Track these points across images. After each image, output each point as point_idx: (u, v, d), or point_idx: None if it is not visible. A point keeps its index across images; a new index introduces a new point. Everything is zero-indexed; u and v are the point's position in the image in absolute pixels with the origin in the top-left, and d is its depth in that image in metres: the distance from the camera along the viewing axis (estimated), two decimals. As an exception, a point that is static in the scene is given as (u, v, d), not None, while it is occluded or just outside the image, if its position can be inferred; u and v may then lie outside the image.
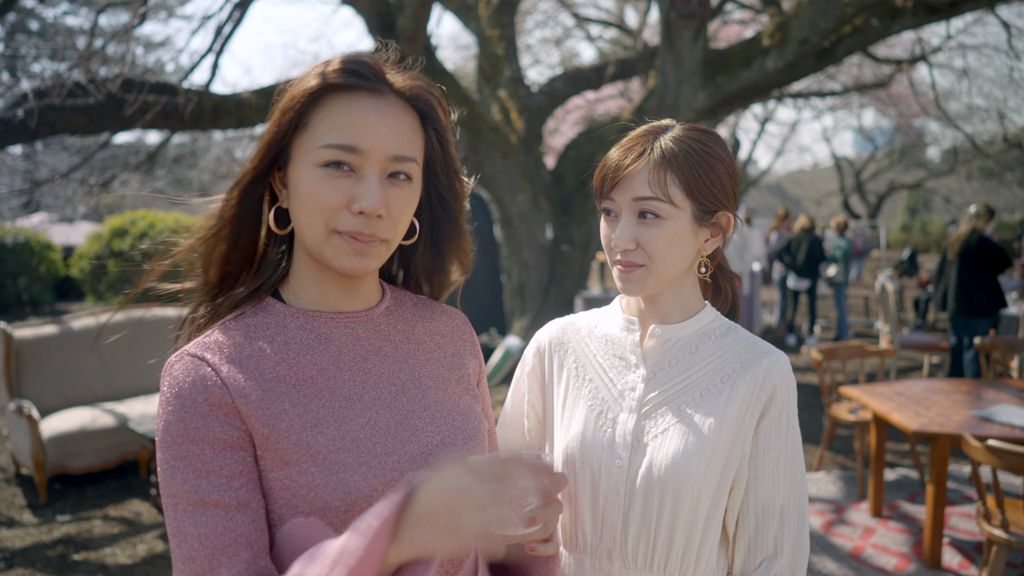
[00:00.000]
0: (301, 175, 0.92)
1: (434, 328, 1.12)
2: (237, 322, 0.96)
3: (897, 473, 5.02)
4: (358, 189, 0.91)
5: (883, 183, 26.31)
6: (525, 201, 6.99)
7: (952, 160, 22.36)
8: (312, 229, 0.92)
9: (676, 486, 1.12)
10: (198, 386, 0.87)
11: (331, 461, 0.90)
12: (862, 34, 6.59)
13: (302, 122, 0.92)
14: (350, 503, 0.89)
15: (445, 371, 1.09)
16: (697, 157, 1.14)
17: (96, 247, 11.29)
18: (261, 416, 0.89)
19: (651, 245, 1.14)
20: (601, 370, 1.25)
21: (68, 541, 4.09)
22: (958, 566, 3.68)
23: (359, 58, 0.94)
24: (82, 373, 5.18)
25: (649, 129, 1.18)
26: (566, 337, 1.32)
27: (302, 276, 1.00)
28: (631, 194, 1.14)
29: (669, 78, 6.37)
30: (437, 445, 0.99)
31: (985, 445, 2.86)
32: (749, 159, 20.29)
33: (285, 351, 0.95)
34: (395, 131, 0.93)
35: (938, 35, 17.20)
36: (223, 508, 0.85)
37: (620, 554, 1.16)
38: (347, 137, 0.90)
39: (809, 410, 6.68)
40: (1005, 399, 4.00)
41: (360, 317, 1.02)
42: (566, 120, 14.09)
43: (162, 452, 0.87)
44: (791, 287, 9.55)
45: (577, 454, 1.20)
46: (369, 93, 0.93)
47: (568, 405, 1.26)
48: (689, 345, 1.21)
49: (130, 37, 5.21)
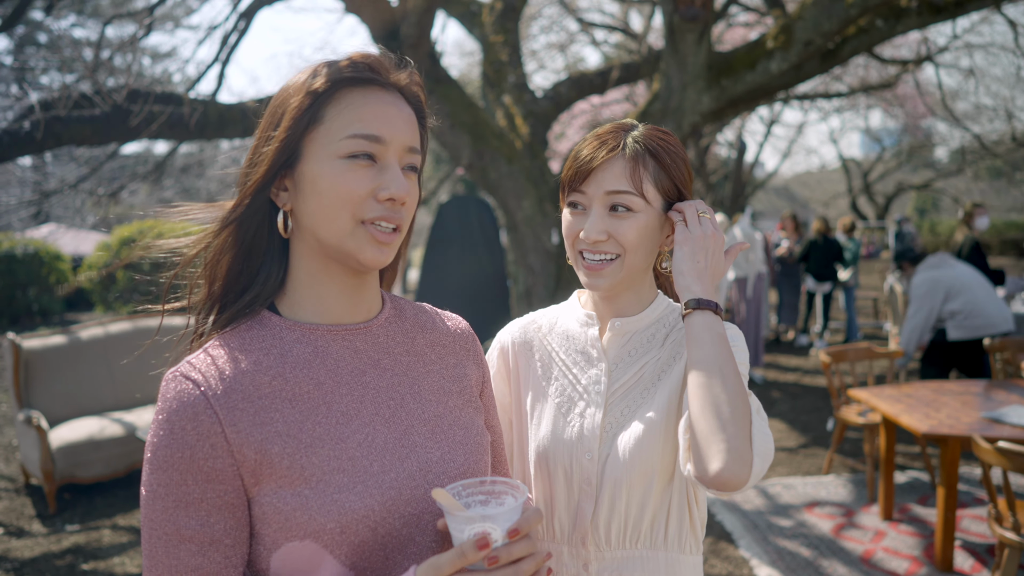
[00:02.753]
0: (319, 169, 0.91)
1: (435, 338, 1.11)
2: (233, 336, 0.95)
3: (907, 476, 4.98)
4: (384, 177, 0.92)
5: (891, 184, 26.18)
6: (531, 206, 6.98)
7: (960, 160, 22.23)
8: (336, 221, 0.92)
9: (642, 470, 1.18)
10: (187, 413, 0.86)
11: (325, 482, 0.88)
12: (867, 35, 6.56)
13: (316, 118, 0.92)
14: (345, 525, 0.88)
15: (446, 383, 1.07)
16: (666, 155, 1.20)
17: (105, 257, 11.36)
18: (252, 442, 0.88)
19: (623, 237, 1.18)
20: (565, 367, 1.29)
21: (77, 551, 4.10)
22: (970, 569, 3.64)
23: (368, 55, 0.97)
24: (90, 383, 5.20)
25: (617, 126, 1.23)
26: (528, 336, 1.36)
27: (302, 286, 0.99)
28: (604, 187, 1.18)
29: (673, 82, 6.36)
30: (437, 461, 0.98)
31: (995, 447, 2.83)
32: (756, 161, 20.22)
33: (281, 365, 0.93)
34: (408, 124, 0.96)
35: (944, 35, 17.12)
36: (196, 544, 0.86)
37: (593, 538, 1.22)
38: (370, 127, 0.92)
39: (817, 413, 6.64)
40: (1015, 400, 3.96)
41: (359, 329, 1.01)
42: (572, 125, 14.09)
43: (147, 472, 0.88)
44: (809, 290, 9.58)
45: (549, 451, 1.24)
46: (381, 88, 0.95)
47: (537, 403, 1.30)
48: (646, 334, 1.27)
49: (136, 48, 5.24)
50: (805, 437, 5.95)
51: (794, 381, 8.00)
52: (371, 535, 0.90)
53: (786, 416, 6.55)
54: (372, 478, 0.91)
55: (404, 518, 0.92)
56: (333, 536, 0.87)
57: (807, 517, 4.34)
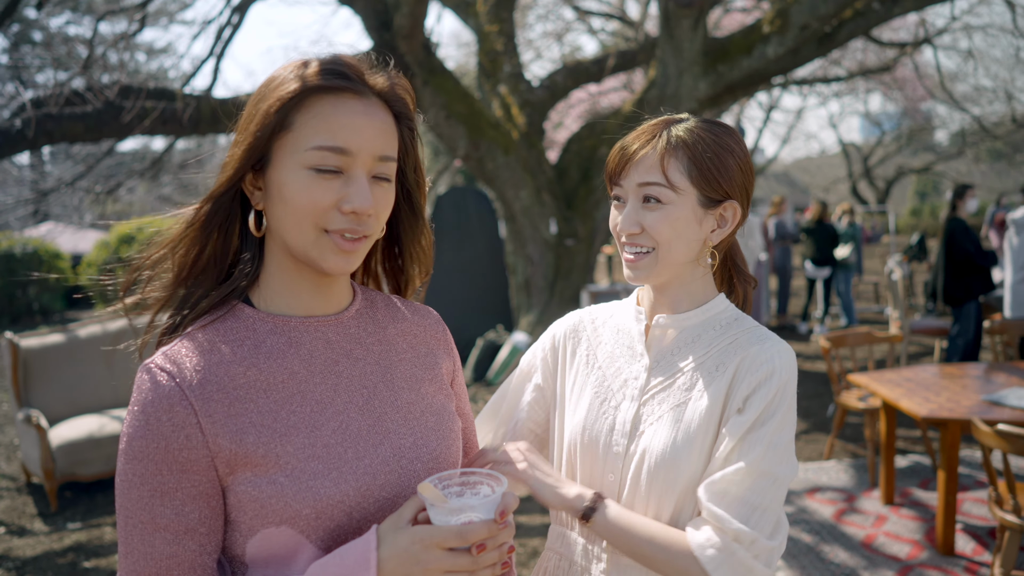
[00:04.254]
0: (286, 177, 0.91)
1: (406, 328, 1.12)
2: (207, 328, 0.96)
3: (908, 460, 4.98)
4: (348, 190, 0.91)
5: (891, 168, 26.12)
6: (528, 196, 6.96)
7: (960, 143, 22.16)
8: (299, 230, 0.92)
9: (666, 473, 1.15)
10: (163, 404, 0.87)
11: (300, 469, 0.90)
12: (864, 18, 6.51)
13: (285, 124, 0.91)
14: (320, 511, 0.89)
15: (418, 371, 1.09)
16: (704, 145, 1.16)
17: (104, 255, 11.36)
18: (227, 432, 0.89)
19: (655, 229, 1.17)
20: (610, 359, 1.29)
21: (79, 549, 4.11)
22: (971, 552, 3.64)
23: (341, 60, 0.95)
24: (90, 381, 5.20)
25: (665, 120, 1.22)
26: (581, 327, 1.37)
27: (274, 279, 1.00)
28: (636, 180, 1.18)
29: (670, 68, 6.32)
30: (410, 447, 1.00)
31: (995, 429, 2.82)
32: (755, 148, 20.18)
33: (255, 356, 0.94)
34: (380, 132, 0.94)
35: (943, 16, 17.00)
36: (172, 532, 0.88)
37: None
38: (336, 139, 0.90)
39: (819, 398, 6.63)
40: (1016, 382, 3.95)
41: (330, 321, 1.02)
42: (569, 114, 14.04)
43: (123, 462, 0.89)
44: (808, 275, 9.56)
45: (579, 438, 1.25)
46: (353, 94, 0.93)
47: (576, 391, 1.30)
48: (692, 334, 1.23)
49: (130, 44, 5.21)
50: (806, 423, 5.95)
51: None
52: (346, 519, 0.91)
53: (787, 402, 6.54)
54: (346, 464, 0.93)
55: (379, 502, 0.94)
56: (309, 521, 0.89)
57: (808, 503, 4.34)
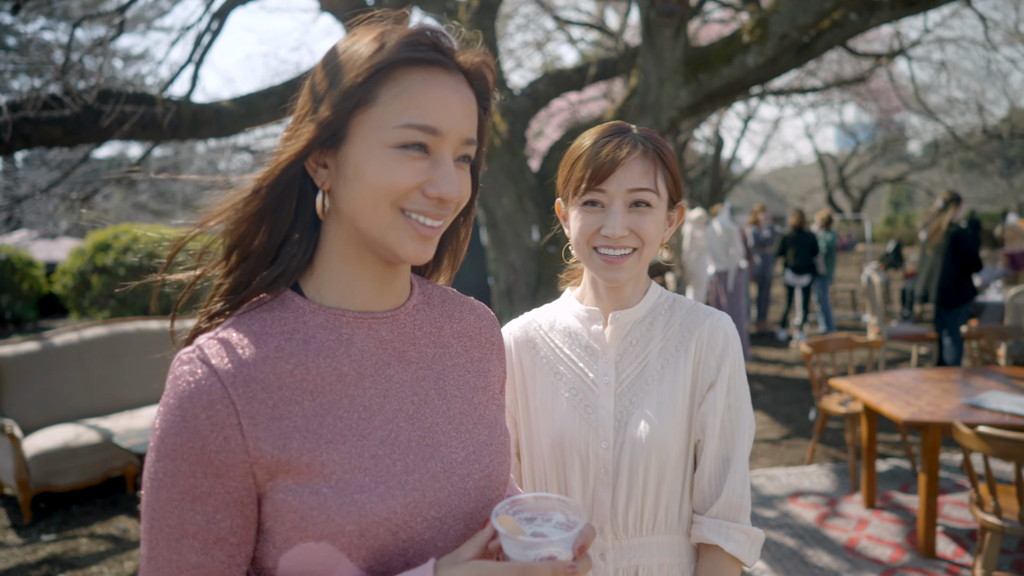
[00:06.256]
0: (366, 155, 0.84)
1: (462, 329, 1.05)
2: (253, 316, 0.88)
3: (889, 464, 5.02)
4: (436, 173, 0.85)
5: (866, 178, 26.50)
6: (510, 203, 6.97)
7: (933, 153, 22.54)
8: (375, 212, 0.85)
9: (657, 453, 1.23)
10: (202, 401, 0.79)
11: (346, 481, 0.83)
12: (841, 28, 6.60)
13: (368, 98, 0.83)
14: (365, 528, 0.82)
15: (472, 378, 1.02)
16: (670, 155, 1.29)
17: (79, 262, 11.17)
18: (269, 436, 0.81)
19: (644, 231, 1.25)
20: (571, 362, 1.33)
21: (53, 560, 4.02)
22: (952, 554, 3.67)
23: (435, 31, 0.88)
24: (65, 389, 5.10)
25: (619, 127, 1.29)
26: (530, 334, 1.39)
27: (332, 268, 0.92)
28: (627, 185, 1.23)
29: (651, 77, 6.37)
30: (461, 462, 0.93)
31: (976, 432, 2.85)
32: (733, 157, 20.34)
33: (304, 353, 0.87)
34: (468, 113, 0.88)
35: (916, 29, 17.34)
36: (200, 541, 0.80)
37: (612, 526, 1.26)
38: (427, 117, 0.84)
39: (799, 404, 6.68)
40: (993, 386, 4.00)
41: (386, 318, 0.94)
42: (550, 123, 14.09)
43: (153, 459, 0.81)
44: (788, 283, 9.65)
45: (565, 443, 1.28)
46: (444, 70, 0.86)
47: (547, 399, 1.33)
48: (644, 323, 1.33)
49: (107, 50, 5.15)
50: (787, 428, 5.98)
51: (775, 373, 8.05)
52: (392, 539, 0.84)
53: (768, 408, 6.59)
54: (395, 478, 0.86)
55: (427, 522, 0.87)
56: (352, 539, 0.82)
57: (791, 507, 4.36)
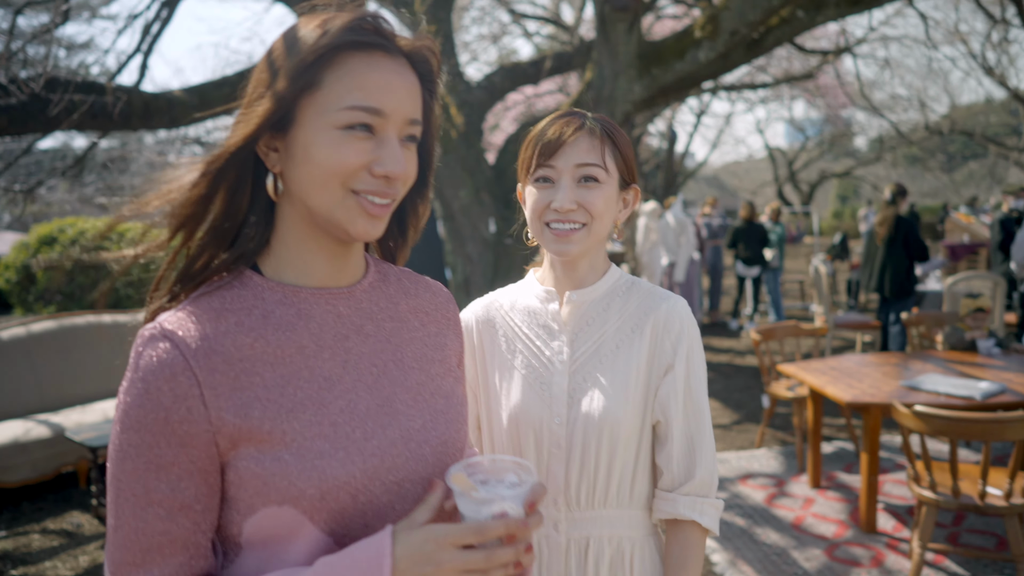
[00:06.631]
0: (313, 137, 0.87)
1: (418, 305, 1.08)
2: (212, 295, 0.91)
3: (834, 446, 5.22)
4: (381, 152, 0.88)
5: (814, 172, 27.14)
6: (467, 196, 7.00)
7: (878, 148, 23.24)
8: (325, 192, 0.88)
9: (609, 429, 1.27)
10: (164, 373, 0.82)
11: (306, 448, 0.86)
12: (789, 25, 6.79)
13: (313, 82, 0.86)
14: (325, 491, 0.86)
15: (428, 351, 1.05)
16: (622, 137, 1.34)
17: (23, 257, 10.85)
18: (231, 406, 0.84)
19: (592, 205, 1.28)
20: (529, 340, 1.36)
21: (5, 557, 3.95)
22: (892, 529, 3.85)
23: (376, 16, 0.90)
24: (13, 384, 4.99)
25: (574, 111, 1.34)
26: (491, 314, 1.43)
27: (287, 247, 0.95)
28: (574, 160, 1.28)
29: (605, 71, 6.46)
30: (419, 429, 0.97)
31: (913, 411, 3.00)
32: (686, 151, 20.67)
33: (263, 327, 0.90)
34: (411, 94, 0.91)
35: (861, 27, 17.88)
36: (165, 508, 0.83)
37: (565, 499, 1.30)
38: (371, 99, 0.87)
39: (749, 391, 6.87)
40: (931, 369, 4.20)
41: (342, 293, 0.98)
42: (505, 116, 14.12)
43: (118, 432, 0.84)
44: (739, 274, 9.87)
45: (520, 419, 1.32)
46: (385, 53, 0.89)
47: (505, 377, 1.37)
48: (601, 304, 1.35)
49: (52, 38, 5.02)
50: (738, 414, 6.16)
51: (727, 362, 8.25)
52: (351, 502, 0.88)
53: (720, 395, 6.76)
54: (354, 444, 0.89)
55: (385, 485, 0.91)
56: (313, 502, 0.85)
57: (741, 488, 4.51)
